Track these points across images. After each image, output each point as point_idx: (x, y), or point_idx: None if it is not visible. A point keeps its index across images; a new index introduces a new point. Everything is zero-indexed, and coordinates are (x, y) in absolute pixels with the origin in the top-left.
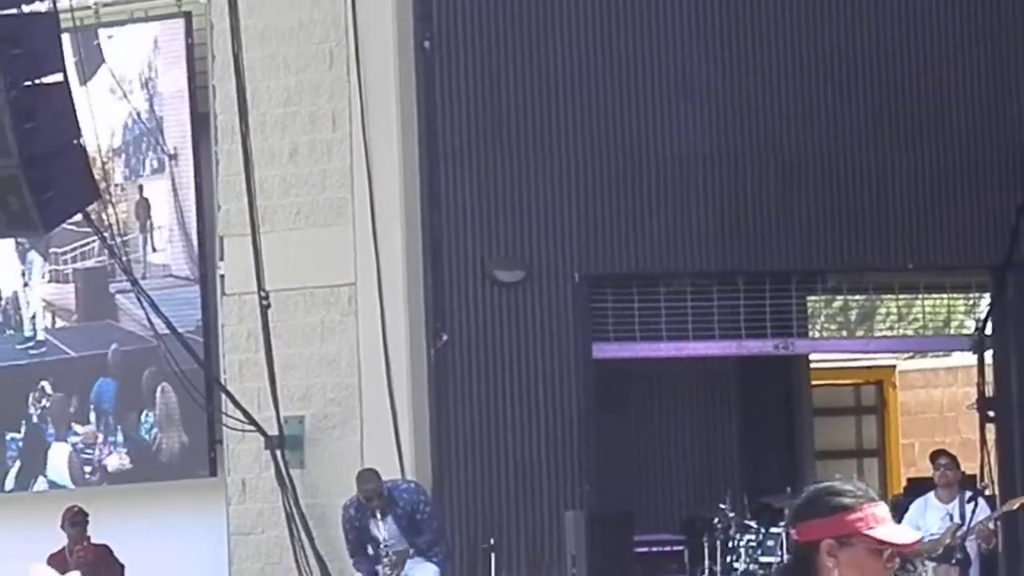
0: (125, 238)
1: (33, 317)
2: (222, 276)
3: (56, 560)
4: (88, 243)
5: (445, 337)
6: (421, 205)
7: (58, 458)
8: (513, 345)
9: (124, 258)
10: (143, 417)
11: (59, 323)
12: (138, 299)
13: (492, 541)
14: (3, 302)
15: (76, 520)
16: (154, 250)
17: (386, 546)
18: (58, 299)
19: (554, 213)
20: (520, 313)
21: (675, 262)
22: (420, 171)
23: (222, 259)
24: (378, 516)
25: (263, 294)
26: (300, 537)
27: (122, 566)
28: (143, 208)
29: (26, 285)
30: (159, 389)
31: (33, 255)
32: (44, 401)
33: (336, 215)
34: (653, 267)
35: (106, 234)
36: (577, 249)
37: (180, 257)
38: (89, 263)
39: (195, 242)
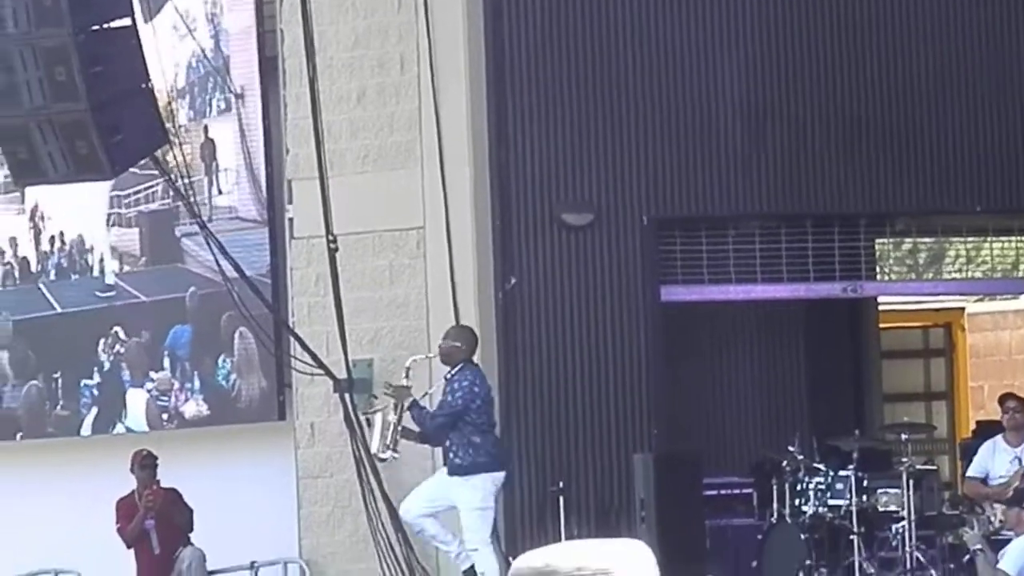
0: (190, 180)
1: (101, 260)
2: (290, 220)
3: (125, 504)
4: (152, 186)
5: (513, 280)
6: (489, 148)
7: (136, 405)
8: (581, 288)
9: (192, 199)
10: (220, 363)
11: (126, 268)
12: (207, 242)
13: (561, 485)
14: (67, 246)
15: (145, 463)
16: (220, 192)
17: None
18: (122, 243)
19: (623, 155)
20: (588, 256)
21: (744, 205)
22: (488, 114)
23: (290, 203)
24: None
25: (331, 238)
26: (369, 481)
27: (191, 510)
28: (209, 149)
29: (89, 229)
30: (237, 334)
31: (96, 198)
32: (118, 347)
33: (404, 158)
34: (722, 210)
35: (172, 176)
36: (646, 192)
37: (247, 199)
38: (153, 206)
39: (263, 184)
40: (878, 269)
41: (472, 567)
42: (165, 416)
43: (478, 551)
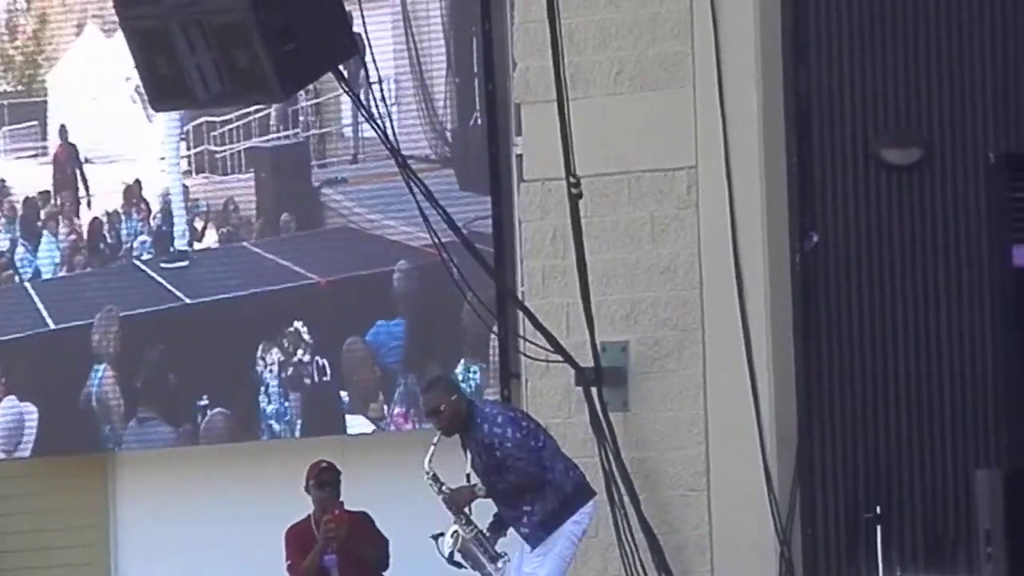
0: (313, 102)
1: (192, 222)
2: (519, 157)
3: (297, 533)
4: (262, 110)
5: (815, 238)
6: (784, 60)
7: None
8: (906, 248)
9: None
10: (463, 371)
11: (252, 234)
12: (410, 190)
13: (878, 510)
14: (141, 203)
15: (324, 479)
16: (370, 117)
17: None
18: (225, 195)
19: (962, 71)
20: (916, 206)
21: None
22: (783, 13)
23: (519, 134)
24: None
25: (573, 180)
26: (622, 503)
27: (386, 541)
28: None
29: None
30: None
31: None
32: (300, 353)
33: (670, 75)
34: None
35: (361, 103)
36: (993, 119)
37: (414, 127)
38: (266, 140)
39: (440, 102)
40: None
41: None
42: None
43: None
